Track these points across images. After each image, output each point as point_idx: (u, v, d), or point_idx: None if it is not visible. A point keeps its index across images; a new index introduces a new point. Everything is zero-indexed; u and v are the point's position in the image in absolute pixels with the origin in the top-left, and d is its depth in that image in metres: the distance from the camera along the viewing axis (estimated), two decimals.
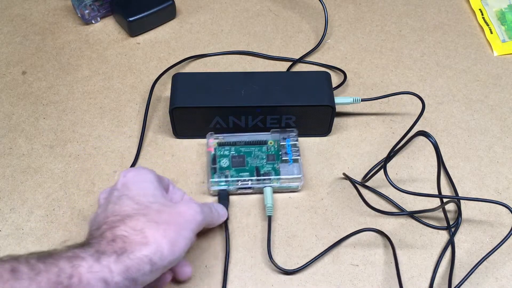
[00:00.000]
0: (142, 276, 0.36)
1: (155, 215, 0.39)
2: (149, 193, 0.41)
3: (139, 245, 0.36)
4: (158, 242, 0.37)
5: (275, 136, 0.54)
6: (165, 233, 0.38)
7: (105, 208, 0.40)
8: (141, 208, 0.39)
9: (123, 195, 0.41)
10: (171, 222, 0.39)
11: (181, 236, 0.39)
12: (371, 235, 0.50)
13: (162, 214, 0.39)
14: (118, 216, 0.38)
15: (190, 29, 0.69)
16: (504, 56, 0.66)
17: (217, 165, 0.52)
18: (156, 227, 0.38)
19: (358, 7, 0.72)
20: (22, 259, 0.33)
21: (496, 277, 0.48)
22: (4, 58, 0.65)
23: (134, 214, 0.38)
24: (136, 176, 0.43)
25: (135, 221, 0.38)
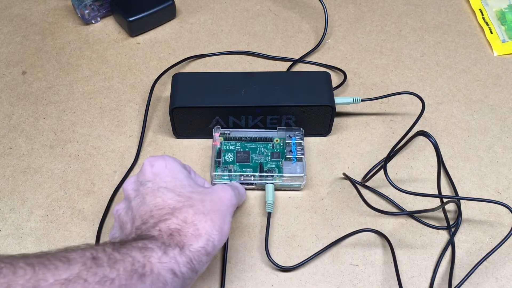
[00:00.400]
0: (200, 266, 0.38)
1: (200, 205, 0.40)
2: (185, 183, 0.42)
3: (194, 238, 0.38)
4: (209, 233, 0.39)
5: (282, 134, 0.54)
6: (213, 223, 0.39)
7: (142, 201, 0.40)
8: (185, 200, 0.40)
9: (161, 187, 0.41)
10: (215, 210, 0.40)
11: (225, 222, 0.40)
12: (371, 235, 0.50)
13: (205, 203, 0.40)
14: (164, 210, 0.39)
15: (190, 29, 0.69)
16: (504, 56, 0.66)
17: (221, 159, 0.52)
18: (204, 218, 0.39)
19: (358, 7, 0.72)
20: (99, 248, 0.34)
21: (496, 277, 0.48)
22: (4, 58, 0.65)
23: (181, 206, 0.39)
24: (166, 165, 0.43)
25: (185, 214, 0.39)
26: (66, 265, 0.32)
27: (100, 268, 0.32)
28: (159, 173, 0.42)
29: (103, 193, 0.53)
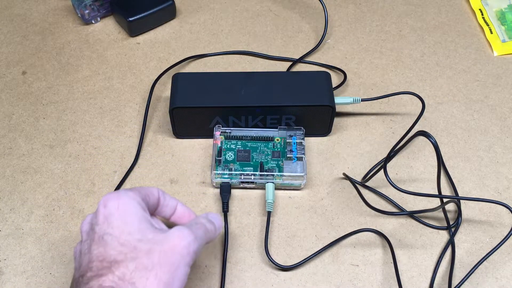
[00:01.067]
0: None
1: (144, 258, 0.35)
2: (135, 229, 0.37)
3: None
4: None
5: (282, 133, 0.54)
6: (157, 280, 0.34)
7: (88, 249, 0.37)
8: (128, 251, 0.35)
9: (106, 233, 0.36)
10: (163, 263, 0.35)
11: (175, 277, 0.35)
12: (371, 235, 0.50)
13: (152, 254, 0.35)
14: (104, 262, 0.35)
15: (190, 29, 0.69)
16: (504, 56, 0.66)
17: (222, 157, 0.52)
18: (147, 274, 0.34)
19: (358, 7, 0.72)
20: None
21: (496, 277, 0.48)
22: (4, 58, 0.65)
23: (121, 260, 0.35)
24: (119, 206, 0.38)
25: (123, 269, 0.34)
26: None
27: None
28: (108, 217, 0.37)
29: (103, 193, 0.53)
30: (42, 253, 0.49)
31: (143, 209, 0.39)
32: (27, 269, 0.48)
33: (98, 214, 0.38)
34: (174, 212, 0.44)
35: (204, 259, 0.48)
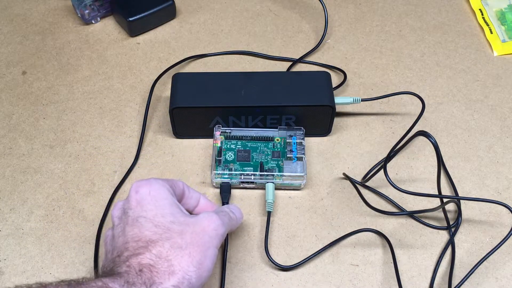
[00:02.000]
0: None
1: (178, 238, 0.37)
2: (167, 212, 0.39)
3: (166, 274, 0.35)
4: (184, 269, 0.36)
5: (282, 133, 0.54)
6: (191, 258, 0.37)
7: (122, 231, 0.38)
8: (162, 232, 0.37)
9: (140, 216, 0.38)
10: (195, 243, 0.37)
11: (207, 257, 0.37)
12: (371, 235, 0.50)
13: (184, 235, 0.37)
14: (140, 242, 0.37)
15: (190, 29, 0.69)
16: (504, 56, 0.66)
17: (222, 157, 0.53)
18: (181, 252, 0.36)
19: (358, 7, 0.72)
20: (51, 286, 0.32)
21: (496, 277, 0.48)
22: (4, 58, 0.65)
23: (157, 239, 0.37)
24: (150, 192, 0.40)
25: (160, 248, 0.36)
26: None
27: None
28: (141, 201, 0.39)
29: (103, 193, 0.53)
30: (42, 253, 0.49)
31: (172, 195, 0.41)
32: (27, 269, 0.48)
33: (131, 200, 0.40)
34: (198, 204, 0.46)
35: None
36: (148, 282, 0.34)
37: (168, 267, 0.36)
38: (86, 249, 0.49)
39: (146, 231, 0.37)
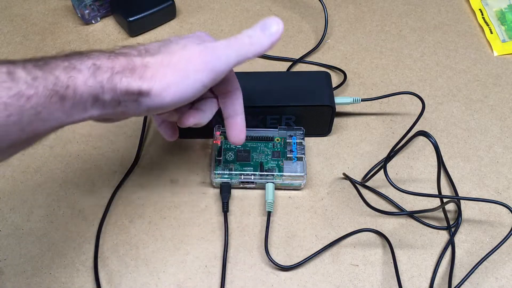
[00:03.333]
0: (129, 107, 0.36)
1: (167, 56, 0.37)
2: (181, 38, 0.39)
3: (135, 75, 0.35)
4: (154, 80, 0.36)
5: (282, 133, 0.54)
6: (165, 75, 0.36)
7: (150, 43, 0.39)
8: (160, 46, 0.38)
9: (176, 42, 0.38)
10: (177, 66, 0.37)
11: (183, 80, 0.37)
12: (371, 235, 0.50)
13: (173, 56, 0.37)
14: (143, 50, 0.37)
15: (190, 29, 0.69)
16: (504, 56, 0.66)
17: (222, 157, 0.53)
18: (158, 67, 0.36)
19: (358, 7, 0.72)
20: (19, 63, 0.32)
21: (496, 277, 0.48)
22: (4, 58, 0.65)
23: (152, 48, 0.37)
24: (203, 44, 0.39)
25: (149, 58, 0.36)
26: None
27: (15, 83, 0.30)
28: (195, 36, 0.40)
29: (103, 193, 0.53)
30: (42, 253, 0.49)
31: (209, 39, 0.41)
32: (27, 269, 0.48)
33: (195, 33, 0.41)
34: None
35: (204, 259, 0.49)
36: (116, 69, 0.34)
37: (141, 72, 0.35)
38: (86, 249, 0.49)
39: (157, 49, 0.37)
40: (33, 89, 0.31)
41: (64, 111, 0.33)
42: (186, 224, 0.51)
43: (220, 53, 0.38)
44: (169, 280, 0.47)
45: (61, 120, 0.35)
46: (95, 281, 0.47)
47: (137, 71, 0.36)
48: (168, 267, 0.48)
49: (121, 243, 0.49)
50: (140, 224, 0.51)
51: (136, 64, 0.36)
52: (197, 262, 0.48)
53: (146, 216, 0.51)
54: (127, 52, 0.36)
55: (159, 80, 0.36)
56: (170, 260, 0.48)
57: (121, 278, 0.47)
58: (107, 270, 0.48)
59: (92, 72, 0.34)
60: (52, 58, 0.34)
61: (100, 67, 0.34)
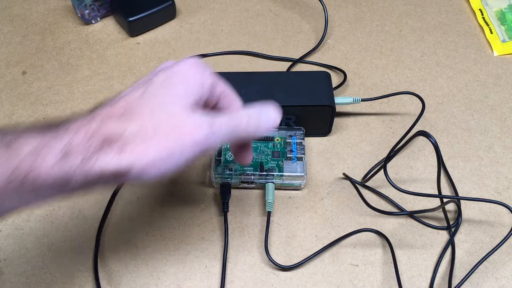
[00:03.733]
0: (102, 184, 0.32)
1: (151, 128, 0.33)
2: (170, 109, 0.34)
3: (112, 153, 0.31)
4: (131, 160, 0.32)
5: (282, 133, 0.54)
6: (145, 151, 0.32)
7: (132, 89, 0.35)
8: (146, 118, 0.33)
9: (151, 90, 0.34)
10: (164, 142, 0.32)
11: (168, 160, 0.33)
12: (371, 235, 0.50)
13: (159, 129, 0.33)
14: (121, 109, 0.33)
15: (190, 29, 0.69)
16: (504, 56, 0.66)
17: (222, 157, 0.53)
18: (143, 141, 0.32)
19: (358, 7, 0.72)
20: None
21: (496, 277, 0.48)
22: (4, 58, 0.65)
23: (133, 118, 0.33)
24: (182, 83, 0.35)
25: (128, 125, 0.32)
26: None
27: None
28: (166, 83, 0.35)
29: (103, 193, 0.53)
30: (42, 253, 0.49)
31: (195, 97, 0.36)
32: (27, 269, 0.48)
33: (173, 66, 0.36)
34: None
35: (204, 259, 0.49)
36: (91, 150, 0.31)
37: (121, 147, 0.31)
38: (86, 249, 0.49)
39: (138, 107, 0.33)
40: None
41: (21, 198, 0.30)
42: (186, 224, 0.51)
43: (216, 130, 0.35)
44: (169, 280, 0.47)
45: (15, 206, 0.31)
46: (95, 281, 0.47)
47: (115, 146, 0.31)
48: (168, 267, 0.48)
49: (121, 243, 0.49)
50: (140, 224, 0.51)
51: (114, 136, 0.32)
52: (197, 262, 0.48)
53: (146, 216, 0.51)
54: (104, 117, 0.32)
55: (140, 158, 0.32)
56: (170, 260, 0.48)
57: (121, 278, 0.47)
58: (107, 270, 0.48)
59: (62, 157, 0.30)
60: (24, 132, 0.30)
61: (73, 149, 0.30)
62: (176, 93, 0.35)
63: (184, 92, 0.35)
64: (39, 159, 0.29)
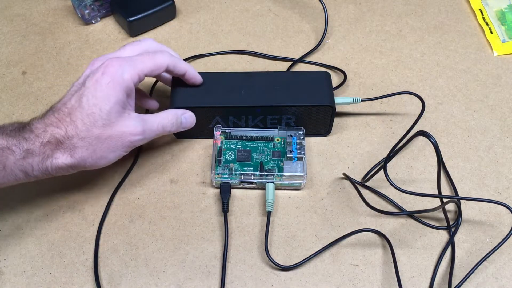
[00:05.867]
0: (63, 173, 0.45)
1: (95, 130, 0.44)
2: (105, 109, 0.44)
3: (65, 155, 0.43)
4: (83, 158, 0.44)
5: (282, 133, 0.54)
6: (93, 152, 0.44)
7: (72, 94, 0.45)
8: (88, 125, 0.43)
9: (88, 94, 0.44)
10: (105, 143, 0.44)
11: (108, 157, 0.46)
12: (371, 235, 0.50)
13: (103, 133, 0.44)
14: (64, 113, 0.44)
15: (190, 29, 0.69)
16: (504, 56, 0.66)
17: (222, 157, 0.53)
18: (87, 147, 0.44)
19: (358, 7, 0.72)
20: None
21: (496, 277, 0.48)
22: (4, 58, 0.65)
23: (81, 126, 0.43)
24: (109, 83, 0.44)
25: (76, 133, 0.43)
26: None
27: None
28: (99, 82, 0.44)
29: (103, 193, 0.53)
30: (42, 253, 0.49)
31: (127, 95, 0.46)
32: (27, 269, 0.48)
33: (99, 68, 0.45)
34: (186, 74, 0.52)
35: (204, 259, 0.49)
36: (46, 153, 0.42)
37: (70, 151, 0.43)
38: (86, 249, 0.49)
39: (79, 112, 0.43)
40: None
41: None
42: (186, 224, 0.51)
43: (147, 135, 0.48)
44: (169, 280, 0.47)
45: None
46: (95, 281, 0.47)
47: (67, 148, 0.43)
48: (168, 267, 0.48)
49: (121, 243, 0.49)
50: (140, 224, 0.51)
51: (64, 140, 0.43)
52: (197, 262, 0.48)
53: (146, 216, 0.51)
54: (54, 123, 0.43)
55: (89, 155, 0.44)
56: (170, 260, 0.48)
57: (121, 278, 0.47)
58: (107, 270, 0.48)
59: (22, 158, 0.41)
60: None
61: (31, 153, 0.42)
62: (108, 98, 0.44)
63: (115, 97, 0.44)
64: (3, 157, 0.41)
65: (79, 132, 0.43)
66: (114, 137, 0.45)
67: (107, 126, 0.44)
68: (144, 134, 0.47)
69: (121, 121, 0.45)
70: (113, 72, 0.45)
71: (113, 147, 0.45)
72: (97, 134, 0.44)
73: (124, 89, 0.45)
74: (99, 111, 0.44)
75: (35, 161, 0.42)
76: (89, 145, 0.44)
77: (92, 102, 0.44)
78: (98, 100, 0.44)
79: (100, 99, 0.44)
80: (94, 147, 0.44)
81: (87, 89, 0.44)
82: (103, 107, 0.44)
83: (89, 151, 0.44)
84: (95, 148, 0.44)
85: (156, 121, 0.49)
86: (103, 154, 0.45)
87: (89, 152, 0.44)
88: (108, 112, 0.44)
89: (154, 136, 0.49)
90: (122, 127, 0.45)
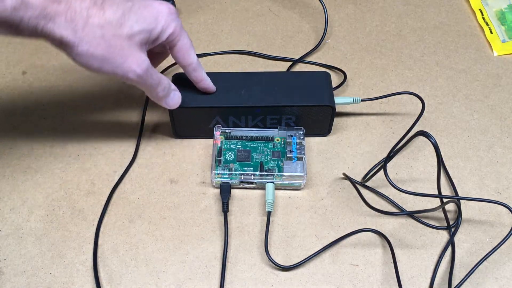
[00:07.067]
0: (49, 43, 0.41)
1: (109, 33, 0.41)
2: (136, 29, 0.42)
3: (65, 28, 0.39)
4: (80, 45, 0.40)
5: (282, 133, 0.54)
6: (95, 50, 0.41)
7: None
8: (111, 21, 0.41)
9: (136, 4, 0.42)
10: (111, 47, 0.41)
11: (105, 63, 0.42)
12: (371, 235, 0.50)
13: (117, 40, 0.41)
14: None
15: (190, 29, 0.69)
16: (504, 56, 0.66)
17: (222, 157, 0.53)
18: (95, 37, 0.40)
19: (358, 7, 0.72)
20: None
21: (496, 277, 0.48)
22: (4, 58, 0.65)
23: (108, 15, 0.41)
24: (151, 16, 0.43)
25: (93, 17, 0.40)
26: None
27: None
28: None
29: (103, 193, 0.53)
30: (42, 253, 0.49)
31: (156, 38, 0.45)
32: (27, 269, 0.48)
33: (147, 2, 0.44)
34: (200, 82, 0.52)
35: (204, 259, 0.49)
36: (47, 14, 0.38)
37: (76, 24, 0.39)
38: (86, 249, 0.49)
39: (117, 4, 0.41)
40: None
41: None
42: (186, 224, 0.51)
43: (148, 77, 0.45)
44: (169, 280, 0.47)
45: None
46: (95, 281, 0.47)
47: (74, 23, 0.39)
48: (168, 267, 0.48)
49: (121, 243, 0.49)
50: (140, 224, 0.51)
51: (78, 15, 0.39)
52: (197, 262, 0.48)
53: (146, 216, 0.51)
54: None
55: (87, 44, 0.40)
56: (170, 260, 0.48)
57: (121, 278, 0.47)
58: (107, 270, 0.48)
59: (14, 7, 0.36)
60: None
61: (32, 4, 0.37)
62: (145, 21, 0.42)
63: (150, 26, 0.43)
64: None
65: (100, 20, 0.40)
66: (119, 54, 0.42)
67: (124, 39, 0.42)
68: (147, 72, 0.44)
69: (136, 47, 0.43)
70: (170, 17, 0.44)
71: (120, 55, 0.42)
72: (110, 35, 0.41)
73: (158, 33, 0.44)
74: (130, 23, 0.42)
75: (32, 14, 0.37)
76: (95, 34, 0.40)
77: (133, 12, 0.42)
78: (136, 16, 0.42)
79: (139, 16, 0.42)
80: (98, 41, 0.40)
81: (135, 3, 0.42)
82: (134, 26, 0.42)
83: (96, 41, 0.40)
84: (98, 41, 0.40)
85: (158, 74, 0.47)
86: (100, 55, 0.41)
87: (89, 40, 0.40)
88: (138, 31, 0.42)
89: (148, 84, 0.46)
90: (133, 51, 0.43)
